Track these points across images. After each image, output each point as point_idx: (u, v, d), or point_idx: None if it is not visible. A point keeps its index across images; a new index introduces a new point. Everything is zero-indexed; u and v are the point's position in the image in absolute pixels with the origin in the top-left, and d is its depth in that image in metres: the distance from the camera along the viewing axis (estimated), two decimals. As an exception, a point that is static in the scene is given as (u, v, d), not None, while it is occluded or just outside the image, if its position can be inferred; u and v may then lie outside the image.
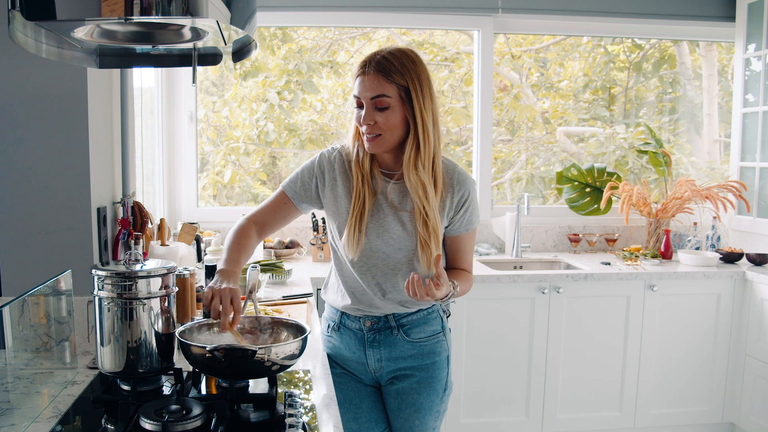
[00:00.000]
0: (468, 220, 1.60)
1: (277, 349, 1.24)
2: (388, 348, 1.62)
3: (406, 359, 1.62)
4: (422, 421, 1.63)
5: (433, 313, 1.65)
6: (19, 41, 1.10)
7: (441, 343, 1.65)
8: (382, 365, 1.63)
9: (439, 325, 1.66)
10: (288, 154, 3.85)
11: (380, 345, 1.62)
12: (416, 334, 1.62)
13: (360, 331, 1.63)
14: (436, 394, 1.64)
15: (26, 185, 1.63)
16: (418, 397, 1.62)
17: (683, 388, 3.04)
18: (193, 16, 1.00)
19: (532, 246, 3.51)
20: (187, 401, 1.17)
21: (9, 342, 1.21)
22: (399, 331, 1.61)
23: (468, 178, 1.60)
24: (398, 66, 1.47)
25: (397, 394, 1.64)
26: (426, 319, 1.63)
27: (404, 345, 1.61)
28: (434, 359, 1.63)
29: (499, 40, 3.81)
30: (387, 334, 1.61)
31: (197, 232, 2.60)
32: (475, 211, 1.61)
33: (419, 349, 1.62)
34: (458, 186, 1.57)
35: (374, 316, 1.61)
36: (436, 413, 1.66)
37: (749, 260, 3.15)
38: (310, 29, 3.73)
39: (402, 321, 1.61)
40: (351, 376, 1.68)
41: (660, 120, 3.93)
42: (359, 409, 1.67)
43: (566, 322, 2.90)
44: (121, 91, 1.93)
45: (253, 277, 1.65)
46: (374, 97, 1.46)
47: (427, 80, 1.50)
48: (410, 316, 1.61)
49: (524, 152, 3.99)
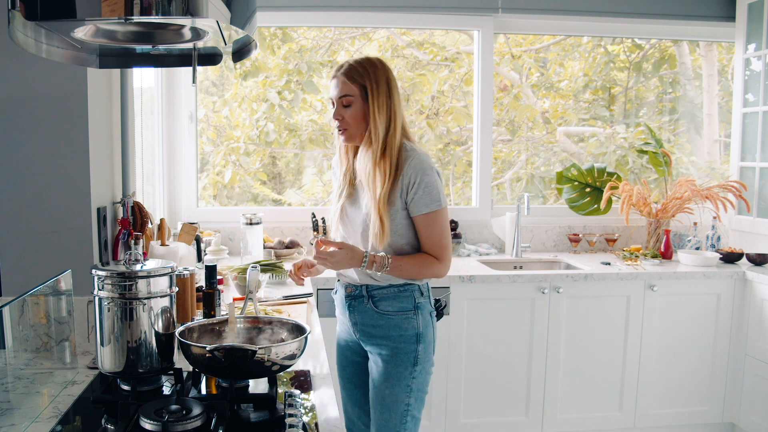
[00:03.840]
0: (419, 203, 1.77)
1: (277, 349, 1.24)
2: (360, 314, 1.85)
3: (376, 328, 1.83)
4: (392, 391, 1.80)
5: (406, 291, 1.82)
6: (19, 41, 1.10)
7: (410, 320, 1.82)
8: (358, 329, 1.87)
9: (411, 304, 1.83)
10: (288, 154, 3.85)
11: (355, 310, 1.86)
12: (384, 306, 1.82)
13: (343, 296, 1.89)
14: (404, 366, 1.80)
15: (26, 185, 1.63)
16: (387, 366, 1.81)
17: (683, 388, 3.04)
18: (193, 16, 1.00)
19: (532, 246, 3.51)
20: (187, 401, 1.17)
21: (9, 342, 1.21)
22: (369, 301, 1.83)
23: (420, 165, 1.76)
24: (361, 70, 1.76)
25: (373, 363, 1.85)
26: (396, 296, 1.82)
27: (373, 314, 1.83)
28: (400, 333, 1.81)
29: (499, 40, 3.82)
30: (360, 302, 1.85)
31: (197, 232, 2.60)
32: (426, 196, 1.76)
33: (386, 320, 1.82)
34: (408, 171, 1.76)
35: (353, 285, 1.86)
36: (406, 387, 1.81)
37: (749, 260, 3.15)
38: (310, 29, 3.73)
39: (373, 293, 1.83)
40: (343, 342, 1.96)
41: (660, 120, 3.93)
42: (344, 370, 1.97)
43: (566, 322, 2.90)
44: (121, 91, 1.92)
45: (253, 277, 1.65)
46: (341, 96, 1.77)
47: (386, 81, 1.78)
48: (381, 290, 1.82)
49: (524, 152, 3.99)
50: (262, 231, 2.89)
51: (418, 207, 1.77)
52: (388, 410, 1.80)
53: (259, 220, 2.85)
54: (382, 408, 1.81)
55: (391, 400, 1.80)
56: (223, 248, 3.08)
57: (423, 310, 1.84)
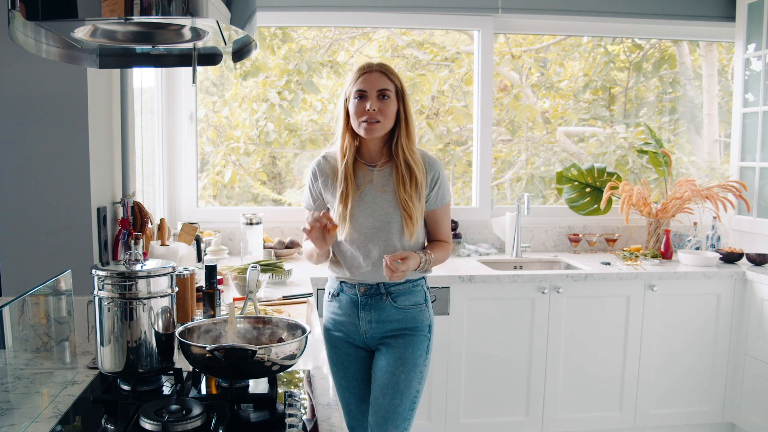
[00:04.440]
0: (441, 196, 1.93)
1: (277, 349, 1.24)
2: (377, 311, 1.90)
3: (392, 323, 1.91)
4: (407, 376, 1.86)
5: (418, 286, 1.93)
6: (19, 41, 1.10)
7: (423, 312, 1.94)
8: (372, 326, 1.91)
9: (422, 298, 1.95)
10: (288, 154, 3.85)
11: (371, 309, 1.91)
12: (402, 301, 1.91)
13: (355, 296, 1.92)
14: (419, 353, 1.90)
15: (26, 185, 1.63)
16: (404, 352, 1.88)
17: (683, 388, 3.04)
18: (193, 16, 1.00)
19: (532, 246, 3.51)
20: (187, 401, 1.17)
21: (9, 342, 1.21)
22: (388, 297, 1.90)
23: (436, 161, 1.93)
24: (393, 71, 1.89)
25: (386, 351, 1.90)
26: (411, 290, 1.92)
27: (391, 310, 1.90)
28: (416, 324, 1.91)
29: (499, 40, 3.82)
30: (377, 299, 1.90)
31: (197, 232, 2.60)
32: (445, 188, 1.94)
33: (404, 314, 1.91)
34: (429, 167, 1.90)
35: (367, 284, 1.91)
36: (419, 374, 1.89)
37: (749, 260, 3.15)
38: (310, 29, 3.73)
39: (391, 289, 1.90)
40: (345, 340, 1.97)
41: (660, 120, 3.93)
42: (348, 369, 1.99)
43: (566, 322, 2.90)
44: (121, 91, 1.92)
45: (253, 277, 1.65)
46: (381, 89, 1.83)
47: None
48: (398, 286, 1.90)
49: (524, 152, 3.99)
50: (262, 231, 2.89)
51: (441, 199, 1.92)
52: (401, 395, 1.85)
53: (259, 220, 2.85)
54: (395, 393, 1.85)
55: (405, 385, 1.85)
56: (223, 248, 3.08)
57: (429, 302, 1.98)
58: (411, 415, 1.88)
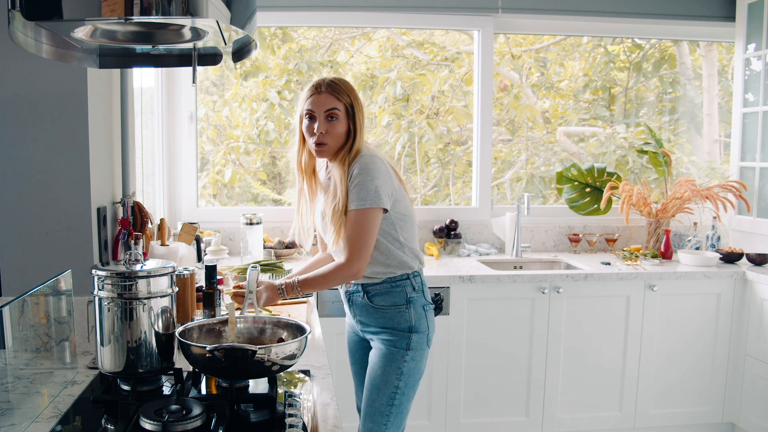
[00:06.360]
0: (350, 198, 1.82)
1: (277, 349, 1.24)
2: (358, 308, 1.96)
3: (372, 320, 1.93)
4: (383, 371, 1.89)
5: (398, 287, 1.90)
6: (19, 41, 1.10)
7: (402, 314, 1.91)
8: (357, 320, 1.98)
9: (403, 299, 1.91)
10: (288, 153, 3.85)
11: (353, 305, 1.97)
12: (379, 301, 1.91)
13: (346, 293, 1.99)
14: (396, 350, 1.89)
15: (26, 185, 1.63)
16: (382, 350, 1.91)
17: (683, 388, 3.04)
18: (193, 16, 1.00)
19: (532, 246, 3.51)
20: (187, 401, 1.17)
21: (9, 342, 1.21)
22: (365, 297, 1.92)
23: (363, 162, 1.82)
24: (344, 88, 1.85)
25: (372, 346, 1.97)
26: (390, 291, 1.91)
27: (369, 309, 1.93)
28: (394, 325, 1.90)
29: (499, 40, 3.81)
30: (357, 297, 1.95)
31: (197, 232, 2.60)
32: (360, 192, 1.79)
33: (381, 314, 1.91)
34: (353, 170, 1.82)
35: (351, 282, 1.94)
36: (397, 369, 1.88)
37: (749, 260, 3.15)
38: (310, 29, 3.73)
39: (368, 289, 1.92)
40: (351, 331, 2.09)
41: (660, 120, 3.93)
42: (354, 355, 2.11)
43: (566, 322, 2.90)
44: (121, 91, 1.93)
45: (253, 277, 1.65)
46: (327, 110, 1.82)
47: (360, 101, 1.90)
48: (375, 286, 1.91)
49: (524, 152, 3.99)
50: (262, 231, 2.89)
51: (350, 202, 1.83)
52: (377, 390, 1.88)
53: (259, 220, 2.85)
54: (372, 388, 1.89)
55: (382, 380, 1.88)
56: (223, 248, 3.08)
57: (415, 303, 1.92)
58: (390, 410, 1.88)
